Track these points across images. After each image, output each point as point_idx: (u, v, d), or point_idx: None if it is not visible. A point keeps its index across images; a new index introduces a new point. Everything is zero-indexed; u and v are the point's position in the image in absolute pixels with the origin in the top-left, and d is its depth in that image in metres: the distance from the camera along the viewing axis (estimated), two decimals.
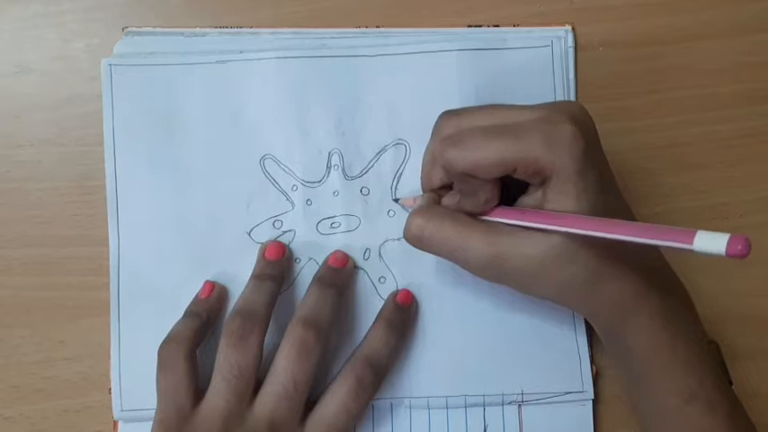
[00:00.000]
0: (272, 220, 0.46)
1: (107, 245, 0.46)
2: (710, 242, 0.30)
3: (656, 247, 0.41)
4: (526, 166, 0.37)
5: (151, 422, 0.41)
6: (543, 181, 0.37)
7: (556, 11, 0.49)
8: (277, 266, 0.45)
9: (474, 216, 0.40)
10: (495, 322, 0.46)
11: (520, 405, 0.46)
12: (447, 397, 0.46)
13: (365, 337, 0.45)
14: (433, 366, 0.46)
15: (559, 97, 0.47)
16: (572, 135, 0.36)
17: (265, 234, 0.46)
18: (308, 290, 0.44)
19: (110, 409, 0.45)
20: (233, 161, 0.46)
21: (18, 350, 0.47)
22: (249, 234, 0.46)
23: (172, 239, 0.46)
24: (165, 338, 0.43)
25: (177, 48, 0.47)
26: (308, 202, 0.46)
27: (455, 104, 0.46)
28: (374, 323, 0.45)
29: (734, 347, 0.48)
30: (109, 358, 0.46)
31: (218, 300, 0.45)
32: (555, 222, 0.36)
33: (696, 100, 0.49)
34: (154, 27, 0.48)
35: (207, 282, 0.45)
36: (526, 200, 0.39)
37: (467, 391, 0.46)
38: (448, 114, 0.40)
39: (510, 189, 0.40)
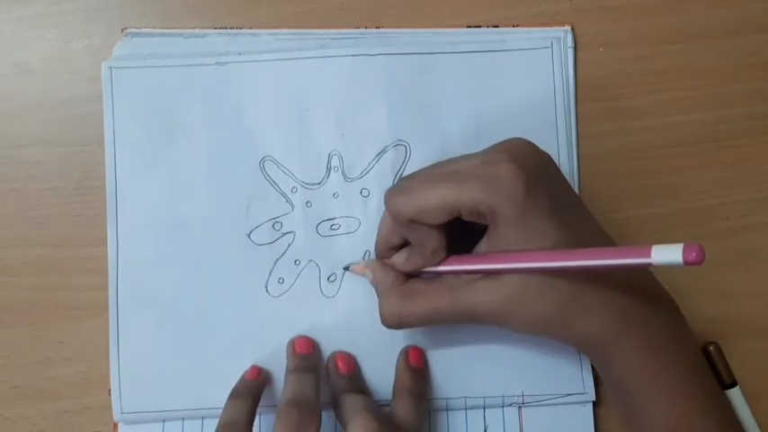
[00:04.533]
0: (272, 221, 0.46)
1: (107, 245, 0.46)
2: (667, 254, 0.31)
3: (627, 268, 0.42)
4: (468, 209, 0.37)
5: (151, 424, 0.41)
6: (489, 224, 0.38)
7: (555, 11, 0.49)
8: (311, 359, 0.45)
9: (423, 270, 0.41)
10: None
11: (520, 407, 0.46)
12: (447, 399, 0.46)
13: (392, 411, 0.43)
14: (433, 368, 0.46)
15: (559, 98, 0.47)
16: (511, 175, 0.36)
17: (265, 236, 0.46)
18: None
19: (110, 409, 0.46)
20: (232, 163, 0.46)
21: (18, 350, 0.47)
22: (249, 236, 0.46)
23: (171, 241, 0.46)
24: (221, 424, 0.41)
25: (176, 49, 0.47)
26: (308, 204, 0.46)
27: (455, 105, 0.46)
28: (396, 395, 0.44)
29: (734, 347, 0.48)
30: (109, 358, 0.46)
31: (263, 384, 0.45)
32: (504, 261, 0.37)
33: (696, 100, 0.49)
34: (153, 28, 0.48)
35: (253, 366, 0.45)
36: (481, 244, 0.40)
37: (467, 392, 0.46)
38: (392, 190, 0.41)
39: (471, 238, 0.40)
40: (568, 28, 0.48)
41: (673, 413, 0.39)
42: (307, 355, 0.45)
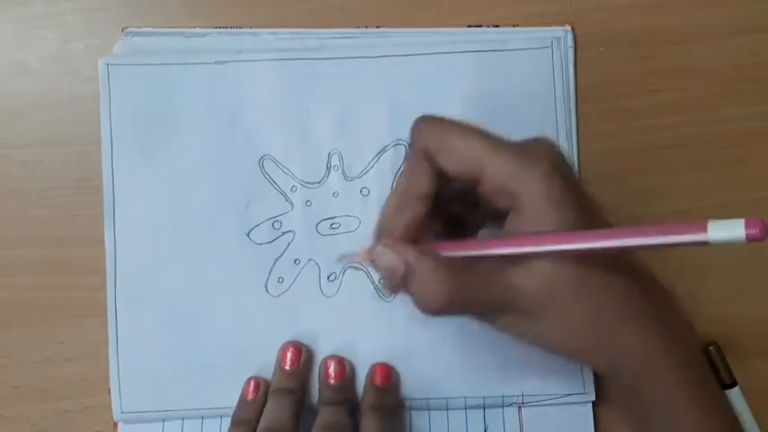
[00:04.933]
0: (272, 221, 0.46)
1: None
2: (726, 230, 0.29)
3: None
4: (492, 180, 0.34)
5: (151, 424, 0.41)
6: (509, 208, 0.35)
7: (556, 11, 0.49)
8: (295, 377, 0.44)
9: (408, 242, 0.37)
10: None
11: (520, 407, 0.46)
12: (447, 398, 0.46)
13: (361, 429, 0.42)
14: (432, 368, 0.46)
15: (559, 98, 0.47)
16: (550, 156, 0.34)
17: (264, 235, 0.46)
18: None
19: (110, 409, 0.46)
20: (232, 162, 0.46)
21: (18, 350, 0.47)
22: (248, 235, 0.46)
23: (170, 240, 0.46)
24: None
25: (176, 48, 0.47)
26: (308, 203, 0.46)
27: (456, 105, 0.46)
28: (363, 414, 0.43)
29: (734, 347, 0.47)
30: (109, 358, 0.46)
31: (264, 399, 0.44)
32: (545, 242, 0.33)
33: (696, 100, 0.49)
34: (154, 27, 0.48)
35: (251, 380, 0.45)
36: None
37: (467, 392, 0.46)
38: (427, 116, 0.38)
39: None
40: (568, 28, 0.48)
41: None
42: (291, 372, 0.44)
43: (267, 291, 0.46)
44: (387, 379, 0.45)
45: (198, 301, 0.46)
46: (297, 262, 0.46)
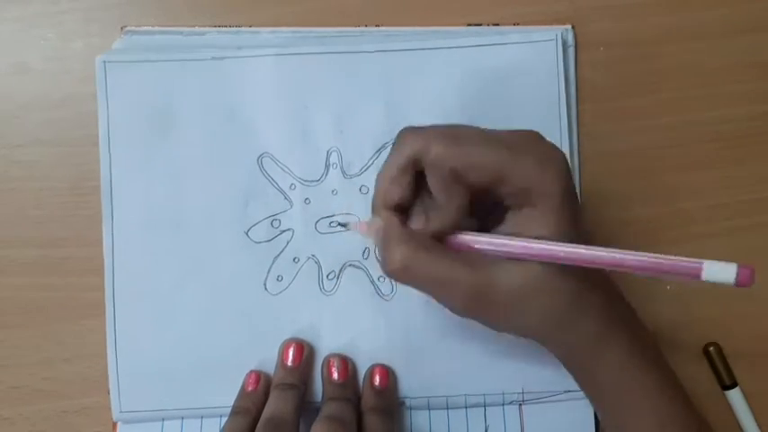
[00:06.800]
0: (271, 219, 0.46)
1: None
2: (719, 273, 0.31)
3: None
4: (516, 180, 0.36)
5: (150, 423, 0.41)
6: (522, 205, 0.37)
7: (556, 10, 0.49)
8: (297, 373, 0.44)
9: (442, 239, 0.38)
10: None
11: (521, 404, 0.46)
12: (447, 397, 0.46)
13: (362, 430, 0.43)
14: (433, 366, 0.46)
15: (560, 97, 0.47)
16: (562, 158, 0.36)
17: (263, 233, 0.46)
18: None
19: (109, 409, 0.45)
20: (230, 159, 0.46)
21: (17, 351, 0.47)
22: (247, 233, 0.46)
23: (168, 239, 0.46)
24: None
25: (175, 46, 0.47)
26: (307, 201, 0.46)
27: (454, 101, 0.46)
28: (364, 415, 0.43)
29: (734, 347, 0.47)
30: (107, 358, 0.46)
31: (264, 392, 0.44)
32: (547, 252, 0.35)
33: (696, 100, 0.49)
34: (153, 26, 0.48)
35: (252, 372, 0.45)
36: (502, 229, 0.38)
37: (467, 390, 0.46)
38: (411, 129, 0.38)
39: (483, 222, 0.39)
40: (569, 27, 0.48)
41: (662, 411, 0.39)
42: (293, 368, 0.44)
43: (266, 289, 0.46)
44: (385, 381, 0.45)
45: (197, 300, 0.46)
46: (296, 260, 0.46)
